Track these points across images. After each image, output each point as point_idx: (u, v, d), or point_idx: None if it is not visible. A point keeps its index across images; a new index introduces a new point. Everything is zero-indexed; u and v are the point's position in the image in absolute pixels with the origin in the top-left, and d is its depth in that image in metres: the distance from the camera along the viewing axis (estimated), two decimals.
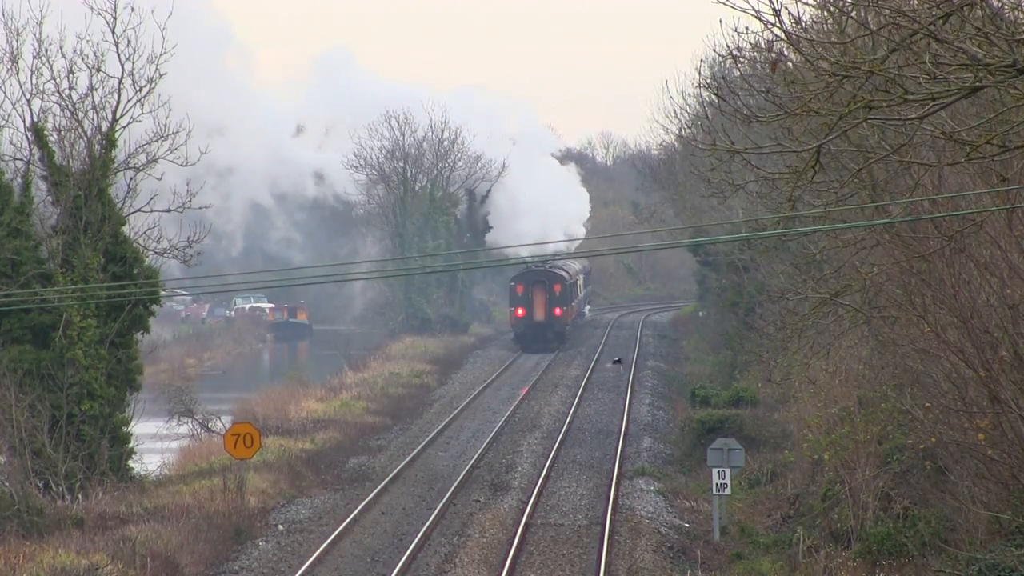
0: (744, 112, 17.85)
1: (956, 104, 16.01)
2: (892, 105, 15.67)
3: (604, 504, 38.72)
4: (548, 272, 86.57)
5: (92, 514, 35.76)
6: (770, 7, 15.95)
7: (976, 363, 22.99)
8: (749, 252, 52.55)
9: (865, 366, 33.57)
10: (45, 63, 39.21)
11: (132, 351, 40.63)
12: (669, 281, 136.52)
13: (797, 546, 31.33)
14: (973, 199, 22.46)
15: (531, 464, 46.33)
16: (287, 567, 32.35)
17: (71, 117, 39.48)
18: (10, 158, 39.73)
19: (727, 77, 29.45)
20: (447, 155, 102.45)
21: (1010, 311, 22.73)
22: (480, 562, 32.64)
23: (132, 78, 39.63)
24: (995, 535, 23.91)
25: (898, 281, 26.17)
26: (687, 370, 72.44)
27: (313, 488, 42.45)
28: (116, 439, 40.07)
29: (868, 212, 26.40)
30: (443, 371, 75.30)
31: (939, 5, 14.85)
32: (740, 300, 59.23)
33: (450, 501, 39.58)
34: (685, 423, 50.50)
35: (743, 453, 36.81)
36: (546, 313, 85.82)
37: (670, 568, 32.26)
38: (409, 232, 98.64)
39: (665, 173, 77.66)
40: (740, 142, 19.75)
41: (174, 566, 31.66)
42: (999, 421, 23.07)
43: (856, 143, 22.65)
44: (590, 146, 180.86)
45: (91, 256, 39.18)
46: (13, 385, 37.51)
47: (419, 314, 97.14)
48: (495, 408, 60.03)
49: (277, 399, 60.55)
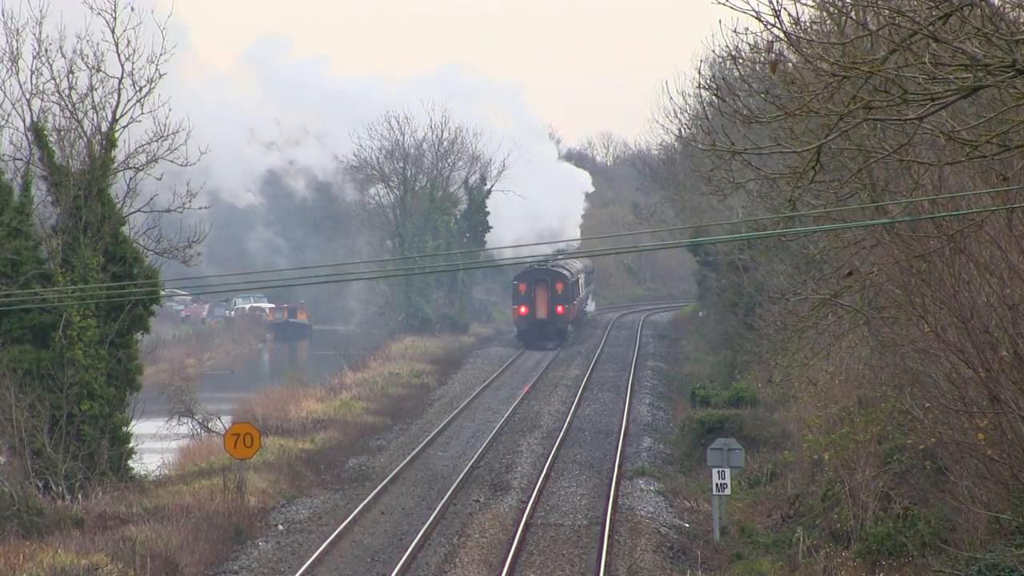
0: (744, 112, 17.85)
1: (956, 104, 16.00)
2: (892, 105, 15.67)
3: (604, 504, 38.73)
4: (550, 271, 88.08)
5: (92, 514, 35.76)
6: (770, 8, 15.95)
7: (976, 363, 22.99)
8: (749, 252, 52.54)
9: (865, 366, 33.57)
10: (45, 63, 39.22)
11: (132, 351, 40.64)
12: (669, 281, 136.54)
13: (797, 546, 31.33)
14: (973, 199, 22.46)
15: (531, 464, 46.34)
16: (287, 567, 32.35)
17: (71, 117, 39.48)
18: (10, 158, 39.73)
19: (727, 77, 29.45)
20: (447, 155, 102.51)
21: (1010, 311, 22.73)
22: (480, 562, 32.64)
23: (132, 78, 39.63)
24: (995, 535, 23.91)
25: (898, 281, 26.17)
26: (687, 370, 72.44)
27: (313, 488, 42.46)
28: (116, 439, 40.08)
29: (868, 212, 26.40)
30: (443, 371, 75.32)
31: (939, 5, 14.85)
32: (740, 300, 59.21)
33: (450, 501, 39.59)
34: (685, 423, 50.50)
35: (743, 453, 36.81)
36: (548, 311, 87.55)
37: (670, 568, 32.26)
38: (409, 232, 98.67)
39: (665, 173, 77.69)
40: (740, 142, 19.75)
41: (174, 566, 31.66)
42: (999, 421, 23.06)
43: (856, 143, 22.65)
44: (590, 146, 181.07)
45: (91, 256, 39.18)
46: (13, 385, 37.52)
47: (419, 314, 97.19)
48: (495, 408, 60.03)
49: (277, 399, 60.55)
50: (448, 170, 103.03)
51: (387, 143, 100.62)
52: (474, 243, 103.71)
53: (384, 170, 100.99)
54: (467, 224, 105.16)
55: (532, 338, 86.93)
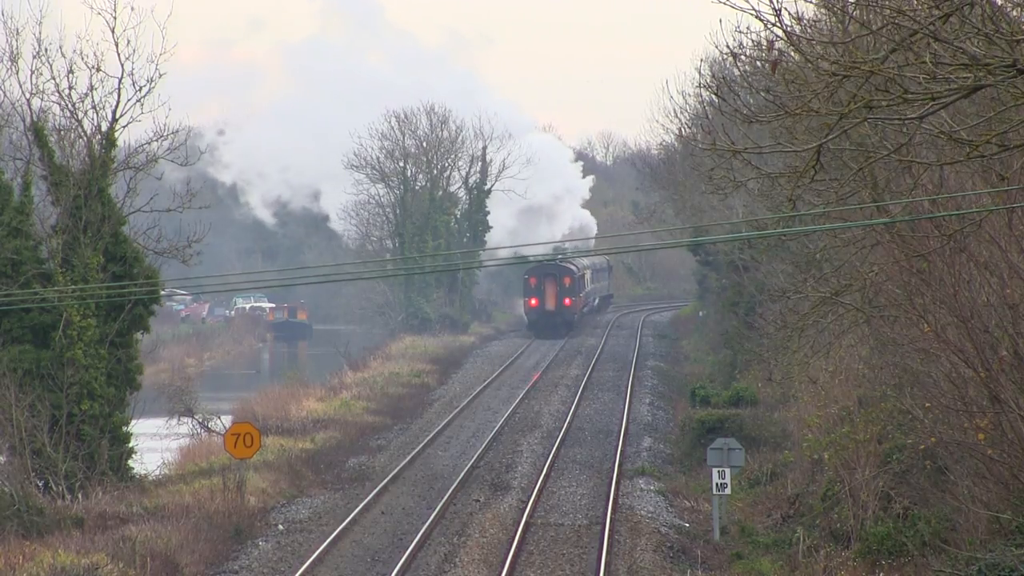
0: (744, 112, 17.85)
1: (956, 103, 16.00)
2: (892, 105, 15.67)
3: (604, 504, 38.72)
4: (559, 266, 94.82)
5: (92, 514, 35.74)
6: (770, 7, 15.96)
7: (976, 363, 22.99)
8: (749, 252, 52.53)
9: (865, 365, 33.56)
10: (45, 63, 39.22)
11: (132, 351, 40.62)
12: (669, 281, 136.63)
13: (797, 546, 31.33)
14: (973, 198, 22.45)
15: (531, 464, 46.32)
16: (287, 567, 32.34)
17: (71, 117, 39.48)
18: (10, 158, 39.72)
19: (727, 77, 29.44)
20: (447, 155, 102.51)
21: (1010, 311, 22.73)
22: (480, 562, 32.64)
23: (132, 78, 39.65)
24: (995, 535, 23.90)
25: (898, 280, 26.17)
26: (687, 370, 72.43)
27: (313, 488, 42.44)
28: (116, 439, 40.06)
29: (868, 211, 26.39)
30: (443, 371, 75.31)
31: (940, 4, 14.85)
32: (740, 300, 59.20)
33: (450, 501, 39.57)
34: (685, 423, 50.47)
35: (743, 453, 36.80)
36: (556, 303, 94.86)
37: (670, 568, 32.25)
38: (409, 232, 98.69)
39: (665, 173, 77.61)
40: (740, 142, 19.74)
41: (174, 566, 31.65)
42: (999, 421, 23.06)
43: (856, 142, 22.64)
44: (590, 146, 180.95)
45: (91, 256, 39.17)
46: (13, 385, 37.51)
47: (419, 314, 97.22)
48: (495, 408, 60.02)
49: (277, 399, 60.56)
50: (448, 169, 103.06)
51: (387, 143, 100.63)
52: (474, 243, 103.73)
53: (384, 170, 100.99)
54: (467, 224, 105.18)
55: (541, 328, 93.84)
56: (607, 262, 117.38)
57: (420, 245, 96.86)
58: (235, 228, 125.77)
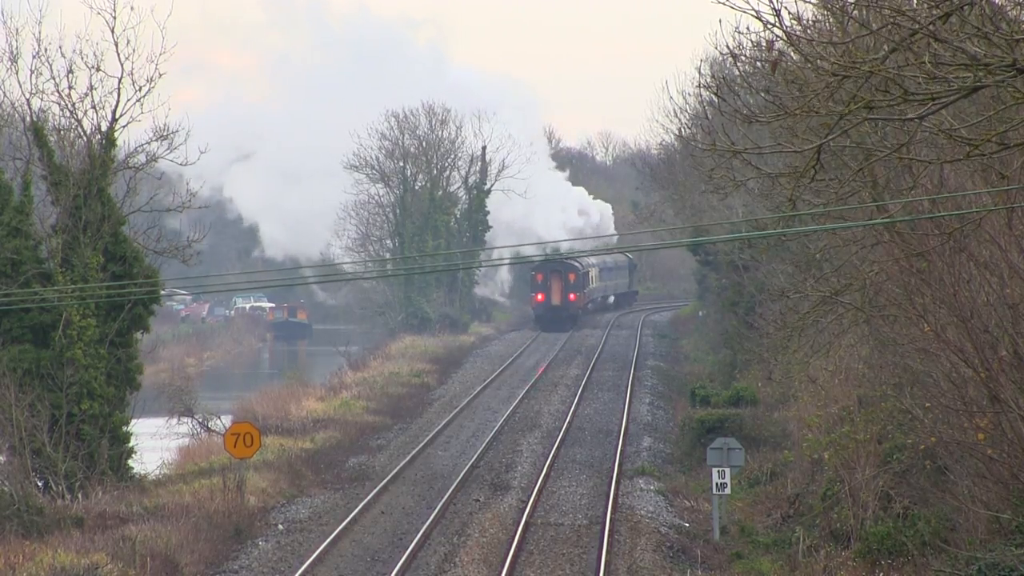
0: (744, 112, 17.85)
1: (956, 103, 16.00)
2: (892, 104, 15.67)
3: (604, 503, 38.72)
4: (564, 263, 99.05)
5: (92, 513, 35.74)
6: (770, 7, 15.95)
7: (976, 363, 22.99)
8: (749, 251, 52.52)
9: (865, 365, 33.56)
10: (45, 63, 39.22)
11: (132, 350, 40.62)
12: (669, 281, 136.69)
13: (797, 546, 31.32)
14: (973, 198, 22.45)
15: (531, 463, 46.32)
16: (287, 567, 32.34)
17: (71, 117, 39.49)
18: (10, 158, 39.71)
19: (727, 77, 29.44)
20: (448, 154, 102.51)
21: (1010, 311, 22.73)
22: (480, 561, 32.63)
23: (132, 78, 39.64)
24: (995, 535, 23.90)
25: (898, 280, 26.17)
26: (687, 370, 72.43)
27: (313, 487, 42.44)
28: (116, 438, 40.06)
29: (868, 211, 26.39)
30: (443, 370, 75.30)
31: (939, 4, 14.85)
32: (740, 299, 59.19)
33: (450, 500, 39.57)
34: (685, 423, 50.47)
35: (743, 453, 36.80)
36: (562, 298, 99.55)
37: (670, 568, 32.25)
38: (409, 232, 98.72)
39: (665, 173, 77.61)
40: (740, 142, 19.75)
41: (174, 565, 31.65)
42: (999, 421, 23.06)
43: (857, 142, 22.64)
44: (590, 146, 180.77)
45: (91, 256, 39.17)
46: (13, 385, 37.50)
47: (419, 314, 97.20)
48: (495, 407, 60.02)
49: (277, 398, 60.55)
50: (448, 169, 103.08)
51: (387, 143, 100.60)
52: (474, 243, 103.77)
53: (384, 170, 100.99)
54: (467, 224, 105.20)
55: (547, 322, 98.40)
56: (628, 259, 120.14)
57: (420, 245, 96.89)
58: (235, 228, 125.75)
